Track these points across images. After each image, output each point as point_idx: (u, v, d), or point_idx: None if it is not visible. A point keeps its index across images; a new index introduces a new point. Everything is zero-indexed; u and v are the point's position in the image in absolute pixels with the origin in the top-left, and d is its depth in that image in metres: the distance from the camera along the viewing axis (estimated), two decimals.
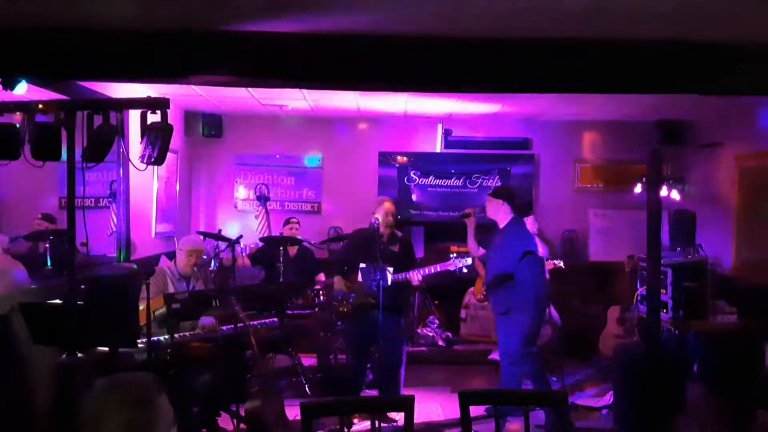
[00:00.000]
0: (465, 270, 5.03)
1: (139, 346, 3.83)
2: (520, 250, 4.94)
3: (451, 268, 4.99)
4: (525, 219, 5.29)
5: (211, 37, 3.95)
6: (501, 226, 5.13)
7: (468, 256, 5.09)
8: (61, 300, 3.70)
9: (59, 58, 3.98)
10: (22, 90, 4.03)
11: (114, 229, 6.08)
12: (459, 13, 3.58)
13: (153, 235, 6.76)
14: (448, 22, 3.74)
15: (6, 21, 3.80)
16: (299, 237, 6.72)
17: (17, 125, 3.80)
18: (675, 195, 7.04)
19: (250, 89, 6.19)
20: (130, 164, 4.97)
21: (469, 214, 5.30)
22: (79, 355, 3.58)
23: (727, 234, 6.69)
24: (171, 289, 4.65)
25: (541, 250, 5.25)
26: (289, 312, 5.65)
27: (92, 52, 3.97)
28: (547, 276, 5.81)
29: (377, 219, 5.10)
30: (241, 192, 8.17)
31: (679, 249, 6.17)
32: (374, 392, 5.42)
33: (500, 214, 5.12)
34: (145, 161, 3.77)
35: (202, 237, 5.66)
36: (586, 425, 5.12)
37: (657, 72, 4.12)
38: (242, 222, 7.92)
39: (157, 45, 3.96)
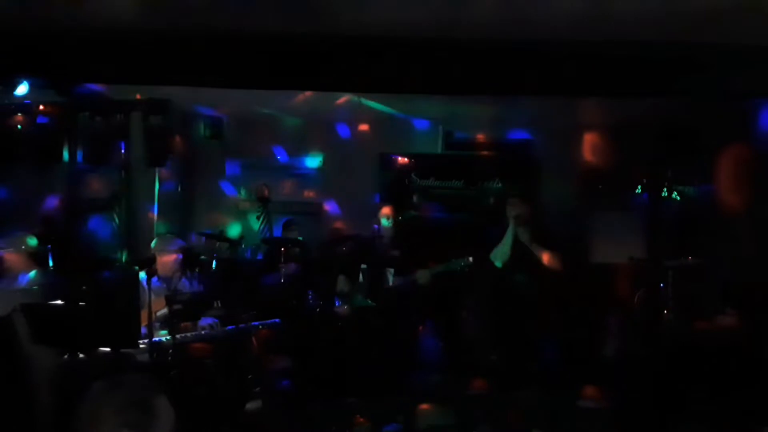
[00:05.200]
0: (466, 270, 5.04)
1: (141, 346, 3.83)
2: None
3: (453, 269, 5.02)
4: None
5: (212, 39, 3.96)
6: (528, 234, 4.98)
7: (468, 256, 5.07)
8: (62, 301, 3.71)
9: (60, 61, 4.00)
10: (23, 91, 4.04)
11: (116, 231, 6.10)
12: (460, 16, 3.59)
13: (154, 237, 6.77)
14: (449, 25, 3.75)
15: (7, 24, 3.81)
16: (300, 238, 6.72)
17: (18, 127, 3.81)
18: (676, 196, 7.04)
19: (250, 90, 6.20)
20: (132, 166, 4.98)
21: None
22: (81, 355, 3.59)
23: (728, 235, 6.68)
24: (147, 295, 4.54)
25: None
26: (290, 313, 5.64)
27: (93, 54, 3.98)
28: None
29: (377, 221, 5.13)
30: (242, 193, 8.16)
31: (680, 250, 6.16)
32: (376, 394, 5.41)
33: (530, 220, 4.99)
34: (146, 163, 3.78)
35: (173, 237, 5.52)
36: (588, 428, 5.11)
37: (658, 75, 4.12)
38: (243, 223, 7.92)
39: (158, 48, 3.97)
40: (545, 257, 4.90)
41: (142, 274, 4.18)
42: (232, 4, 3.53)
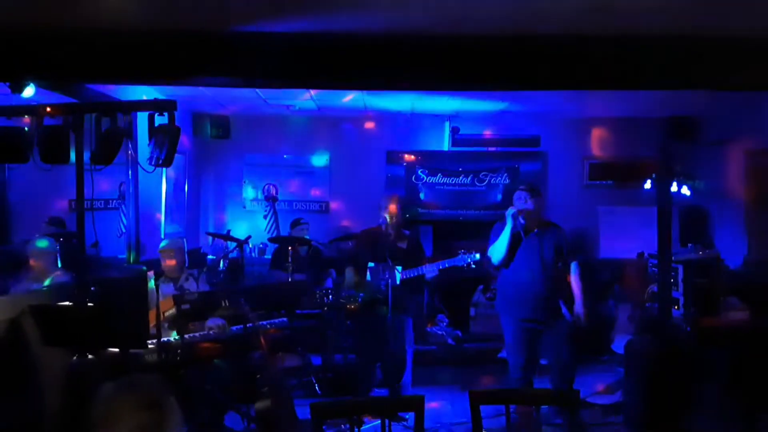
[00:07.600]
0: (473, 265, 5.01)
1: (149, 347, 3.84)
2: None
3: (460, 263, 4.99)
4: None
5: (218, 38, 3.95)
6: (537, 229, 4.76)
7: (476, 252, 5.04)
8: (71, 301, 3.72)
9: (66, 61, 4.00)
10: (30, 93, 4.05)
11: (123, 231, 6.12)
12: (466, 11, 3.56)
13: (162, 236, 6.78)
14: (454, 20, 3.72)
15: (13, 25, 3.81)
16: (308, 237, 6.72)
17: (26, 128, 3.82)
18: (685, 191, 6.98)
19: (256, 89, 6.20)
20: (139, 166, 4.99)
21: None
22: (90, 356, 3.60)
23: (738, 230, 6.63)
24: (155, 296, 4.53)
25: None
26: (298, 311, 5.65)
27: (99, 54, 3.98)
28: None
29: (385, 218, 5.11)
30: (249, 192, 8.18)
31: (690, 245, 6.11)
32: (384, 392, 5.41)
33: (540, 214, 4.83)
34: (153, 163, 3.78)
35: (182, 237, 5.58)
36: (596, 422, 5.09)
37: (666, 68, 4.08)
38: (251, 222, 7.93)
39: (163, 47, 3.97)
40: (547, 252, 4.84)
41: (150, 275, 4.19)
42: (233, 3, 3.52)
